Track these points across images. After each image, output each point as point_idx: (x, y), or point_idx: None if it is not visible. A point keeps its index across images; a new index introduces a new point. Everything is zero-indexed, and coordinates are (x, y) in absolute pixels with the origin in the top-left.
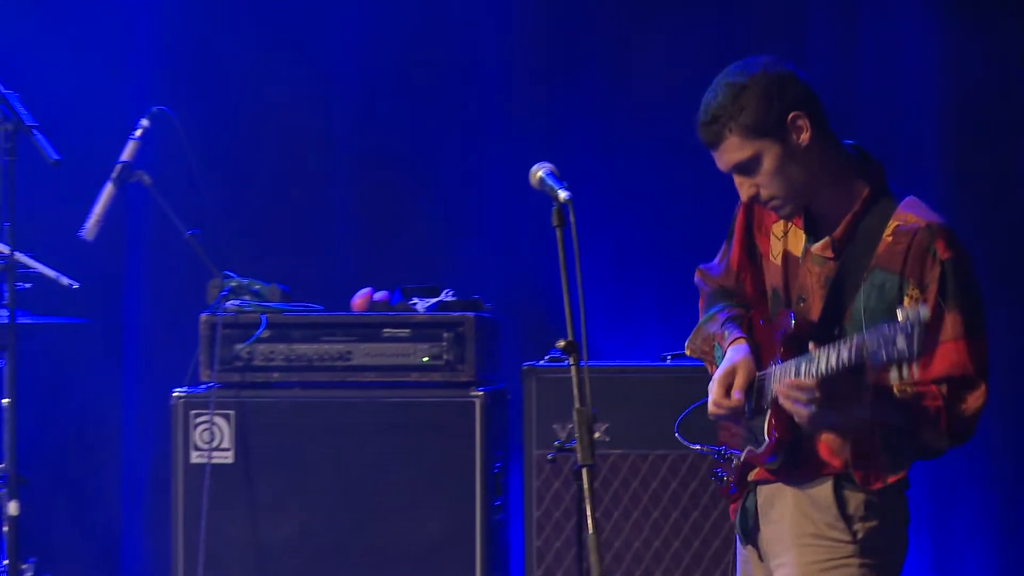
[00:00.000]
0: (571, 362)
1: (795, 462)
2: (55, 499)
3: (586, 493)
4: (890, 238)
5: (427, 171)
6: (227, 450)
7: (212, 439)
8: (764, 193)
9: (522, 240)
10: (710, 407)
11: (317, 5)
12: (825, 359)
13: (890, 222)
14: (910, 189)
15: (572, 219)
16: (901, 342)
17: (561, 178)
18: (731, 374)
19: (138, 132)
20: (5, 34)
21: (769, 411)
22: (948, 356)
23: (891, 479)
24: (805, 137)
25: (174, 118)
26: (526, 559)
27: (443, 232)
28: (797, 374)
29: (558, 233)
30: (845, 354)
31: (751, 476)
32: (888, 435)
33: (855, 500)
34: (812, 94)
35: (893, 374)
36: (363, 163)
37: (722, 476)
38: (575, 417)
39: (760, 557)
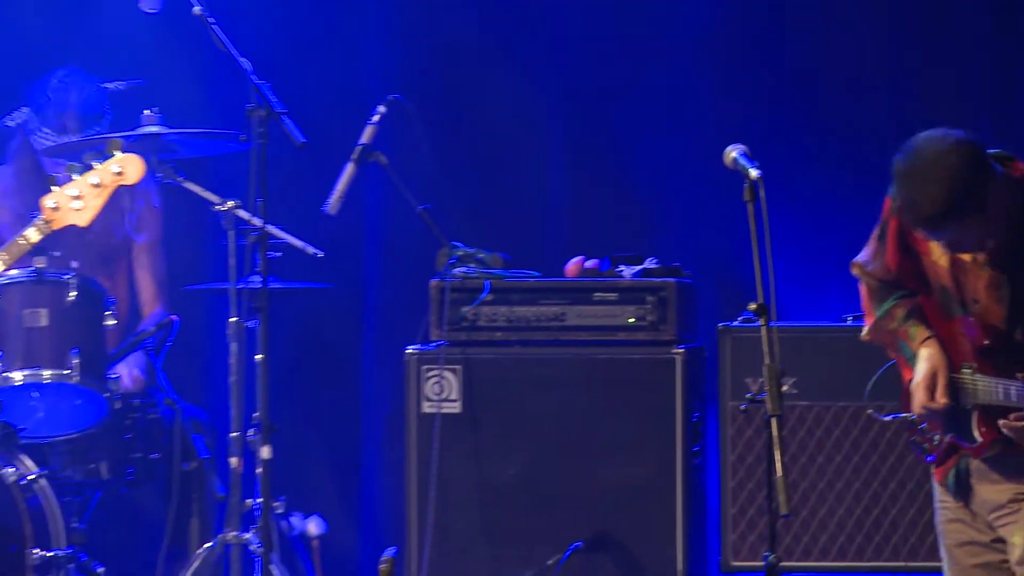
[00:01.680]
0: (761, 322)
1: (1010, 445)
2: (302, 444)
3: (775, 440)
4: None
5: (632, 150)
6: (455, 401)
7: (441, 391)
8: (962, 247)
9: (718, 212)
10: (916, 408)
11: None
12: None
13: None
14: None
15: (762, 195)
16: None
17: (752, 157)
18: (932, 378)
19: (376, 117)
20: (257, 30)
21: (977, 415)
22: None
23: None
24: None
25: (408, 105)
26: (722, 498)
27: (647, 205)
28: (1007, 398)
29: (750, 207)
30: None
31: (960, 453)
32: None
33: None
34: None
35: None
36: (575, 145)
37: (921, 447)
38: (765, 372)
39: (972, 511)
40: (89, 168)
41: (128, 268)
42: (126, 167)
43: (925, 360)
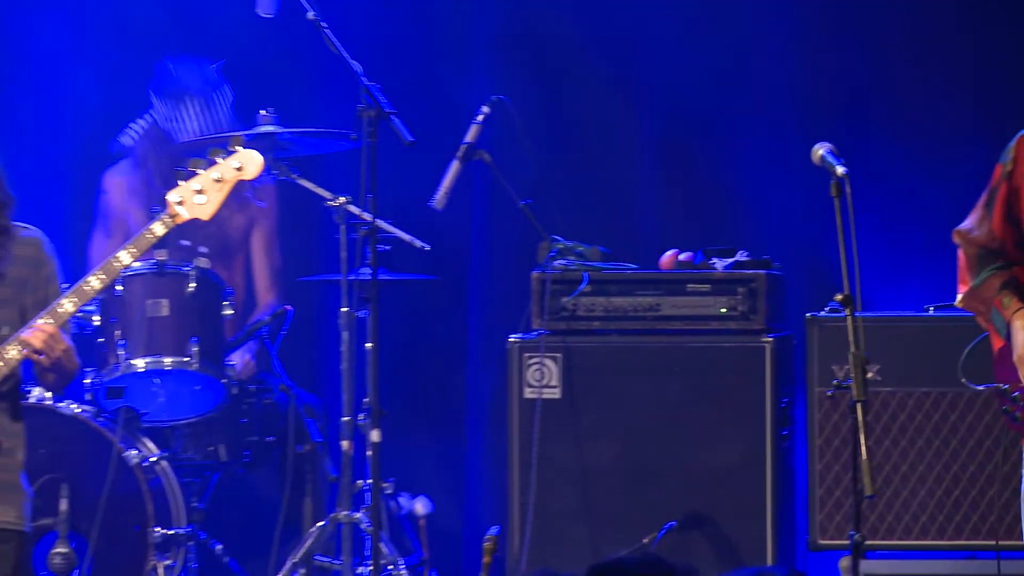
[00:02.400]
0: (847, 312)
1: None
2: (410, 428)
3: (860, 424)
4: None
5: (724, 147)
6: (555, 387)
7: (542, 378)
8: None
9: (807, 207)
10: None
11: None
12: None
13: None
14: None
15: (847, 190)
16: None
17: (839, 155)
18: None
19: (480, 117)
20: (366, 33)
21: None
22: None
23: None
24: None
25: (510, 105)
26: (809, 480)
27: (739, 200)
28: None
29: (836, 203)
30: None
31: None
32: None
33: None
34: None
35: None
36: (669, 143)
37: (1014, 415)
38: (851, 359)
39: None
40: (212, 164)
41: (245, 260)
42: (246, 163)
43: (1021, 330)
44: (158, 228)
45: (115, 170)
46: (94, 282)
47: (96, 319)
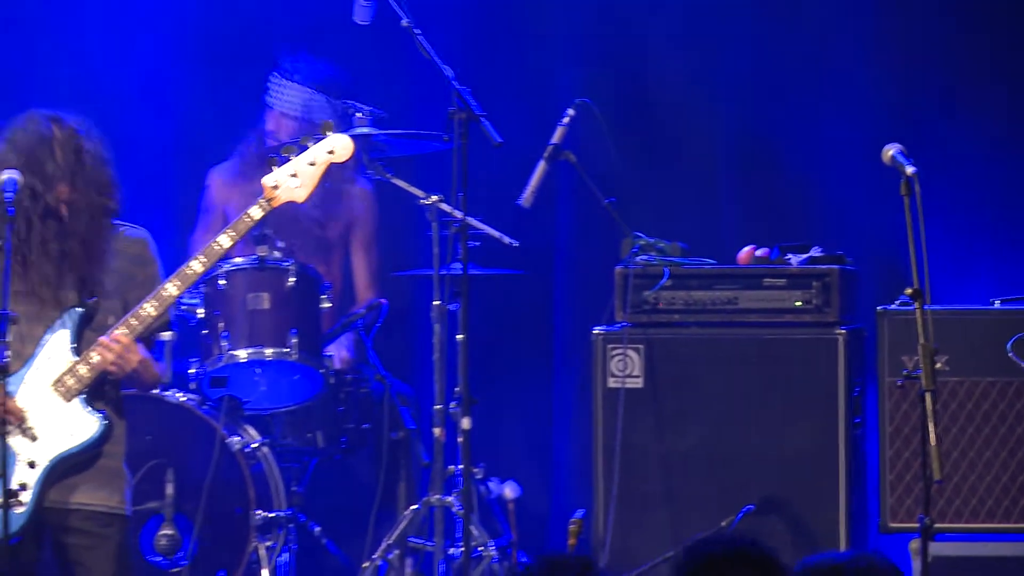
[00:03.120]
0: (916, 305)
1: None
2: (499, 416)
3: (928, 412)
4: None
5: (799, 147)
6: (637, 377)
7: (625, 368)
8: None
9: (878, 205)
10: None
11: (710, 6)
12: None
13: None
14: None
15: (917, 189)
16: None
17: (908, 155)
18: None
19: (565, 119)
20: (456, 38)
21: None
22: None
23: None
24: None
25: (594, 108)
26: (880, 466)
27: (814, 198)
28: None
29: (906, 201)
30: None
31: None
32: None
33: None
34: None
35: None
36: (747, 142)
37: None
38: (920, 350)
39: None
40: (305, 149)
41: (343, 256)
42: (337, 146)
43: None
44: (255, 211)
45: (220, 166)
46: (196, 266)
47: (200, 312)
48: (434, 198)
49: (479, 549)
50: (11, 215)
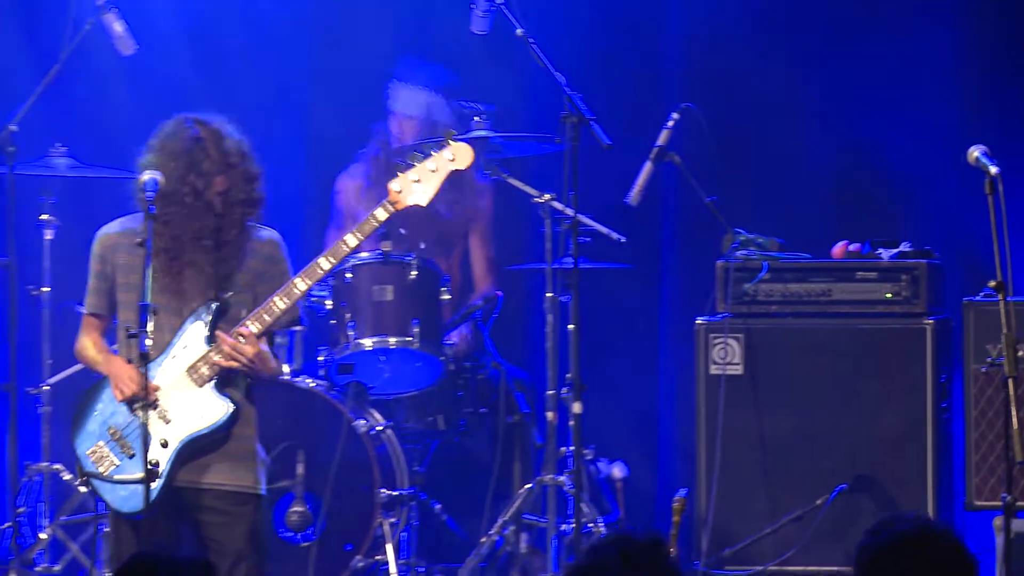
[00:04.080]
0: (1000, 297)
1: None
2: (608, 401)
3: (1011, 397)
4: None
5: (890, 147)
6: (737, 364)
7: (726, 356)
8: None
9: (964, 202)
10: None
11: (806, 16)
12: None
13: None
14: None
15: (1000, 188)
16: None
17: (991, 156)
18: None
19: (670, 123)
20: (567, 46)
21: None
22: None
23: None
24: None
25: (697, 112)
26: (966, 448)
27: (903, 195)
28: None
29: (990, 200)
30: None
31: None
32: None
33: None
34: None
35: None
36: (841, 142)
37: None
38: (1003, 339)
39: None
40: (428, 156)
41: (463, 251)
42: (458, 154)
43: None
44: (380, 214)
45: (348, 172)
46: (323, 263)
47: (328, 303)
48: (547, 196)
49: (589, 525)
50: (152, 213)
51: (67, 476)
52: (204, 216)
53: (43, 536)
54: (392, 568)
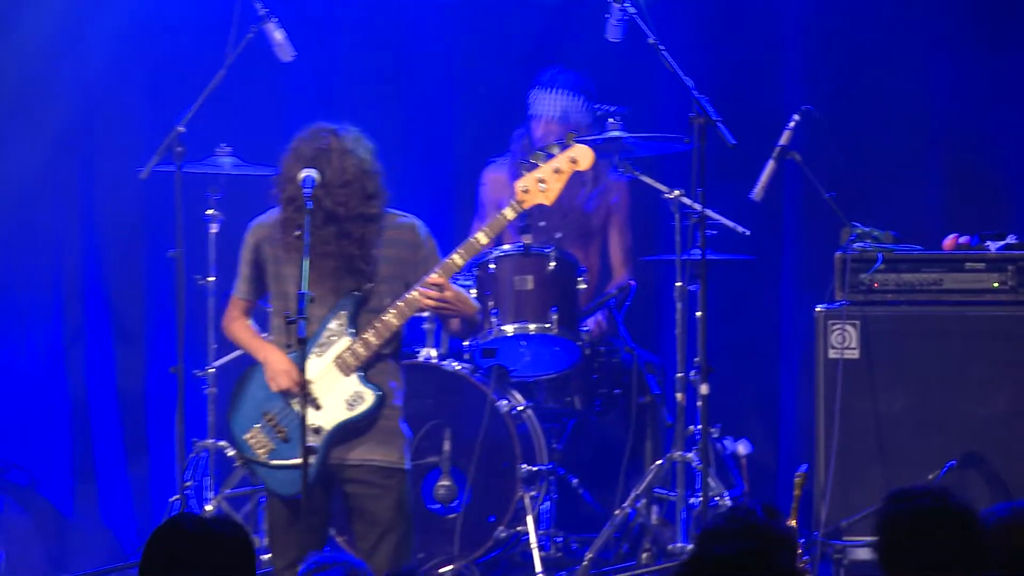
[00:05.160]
0: None
1: None
2: (733, 383)
3: None
4: None
5: (999, 144)
6: (854, 349)
7: (843, 341)
8: None
9: None
10: None
11: (921, 18)
12: None
13: None
14: None
15: None
16: None
17: None
18: None
19: (791, 124)
20: (693, 51)
21: None
22: None
23: None
24: None
25: (816, 114)
26: None
27: (1011, 190)
28: None
29: None
30: None
31: None
32: None
33: None
34: None
35: None
36: (951, 144)
37: None
38: None
39: None
40: (551, 157)
41: (601, 243)
42: (580, 156)
43: None
44: (508, 212)
45: (494, 166)
46: (457, 259)
47: (473, 292)
48: (676, 192)
49: (716, 499)
50: (309, 208)
51: (231, 452)
52: (326, 224)
53: (208, 507)
54: (532, 538)
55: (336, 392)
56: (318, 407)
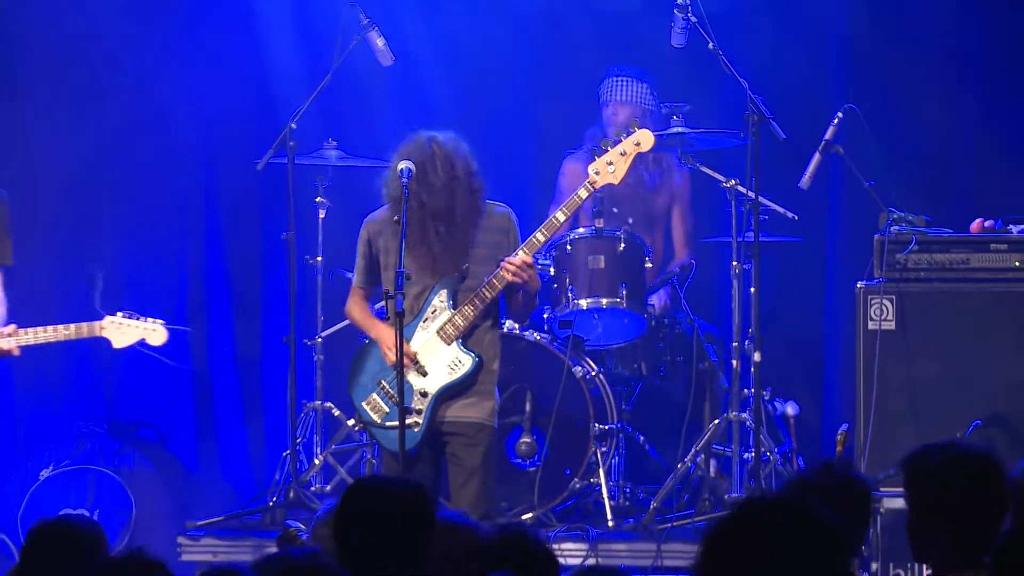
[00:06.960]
0: None
1: None
2: (782, 350)
3: None
4: None
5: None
6: (891, 321)
7: (881, 313)
8: None
9: None
10: None
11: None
12: None
13: None
14: None
15: None
16: None
17: None
18: None
19: (835, 120)
20: (748, 55)
21: None
22: None
23: None
24: None
25: (858, 112)
26: None
27: None
28: None
29: None
30: None
31: None
32: None
33: None
34: None
35: None
36: (981, 137)
37: None
38: None
39: None
40: (618, 142)
41: (665, 227)
42: (642, 139)
43: None
44: (582, 192)
45: (572, 157)
46: (539, 236)
47: (552, 270)
48: (732, 182)
49: (767, 454)
50: (406, 196)
51: (336, 412)
52: (430, 222)
53: (316, 462)
54: (604, 489)
55: (439, 359)
56: (424, 373)
